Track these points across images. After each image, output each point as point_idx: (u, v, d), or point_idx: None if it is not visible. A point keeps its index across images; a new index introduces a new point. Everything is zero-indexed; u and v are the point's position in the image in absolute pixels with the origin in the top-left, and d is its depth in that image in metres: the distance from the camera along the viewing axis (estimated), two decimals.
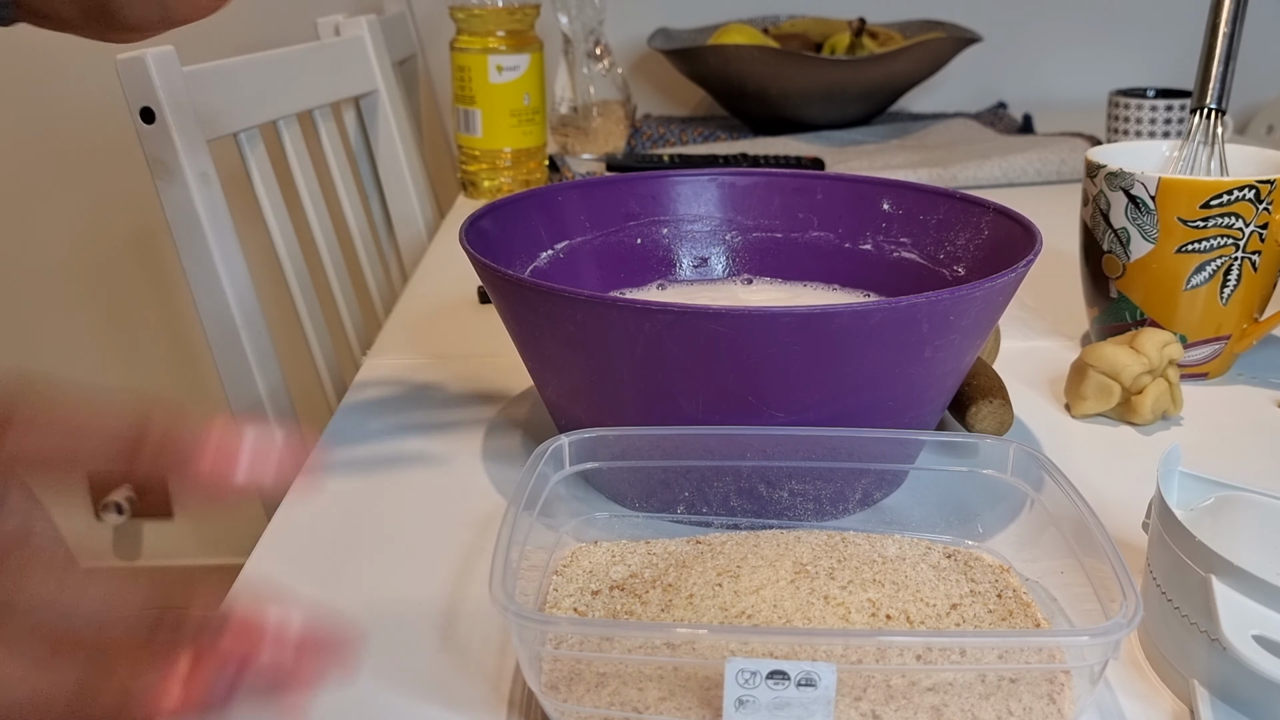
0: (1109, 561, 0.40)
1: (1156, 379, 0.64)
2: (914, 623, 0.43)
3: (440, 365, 0.75)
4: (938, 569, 0.47)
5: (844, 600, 0.43)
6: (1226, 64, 0.71)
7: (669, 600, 0.44)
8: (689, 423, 0.51)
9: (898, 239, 0.66)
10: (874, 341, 0.48)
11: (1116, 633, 0.37)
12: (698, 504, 0.53)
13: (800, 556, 0.47)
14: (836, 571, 0.46)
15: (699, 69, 1.37)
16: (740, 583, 0.45)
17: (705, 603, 0.44)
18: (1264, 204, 0.66)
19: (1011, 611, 0.45)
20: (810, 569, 0.46)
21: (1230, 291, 0.68)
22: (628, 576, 0.48)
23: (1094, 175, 0.70)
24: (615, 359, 0.50)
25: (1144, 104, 1.24)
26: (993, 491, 0.53)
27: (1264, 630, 0.38)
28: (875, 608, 0.43)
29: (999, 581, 0.47)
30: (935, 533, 0.52)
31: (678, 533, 0.52)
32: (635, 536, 0.52)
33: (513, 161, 1.17)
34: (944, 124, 1.43)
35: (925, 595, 0.45)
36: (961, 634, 0.41)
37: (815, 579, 0.45)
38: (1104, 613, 0.41)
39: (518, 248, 0.64)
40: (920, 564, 0.47)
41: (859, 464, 0.52)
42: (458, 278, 0.93)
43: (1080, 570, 0.44)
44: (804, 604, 0.43)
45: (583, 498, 0.54)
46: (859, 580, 0.45)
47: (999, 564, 0.49)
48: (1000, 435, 0.59)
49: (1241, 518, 0.46)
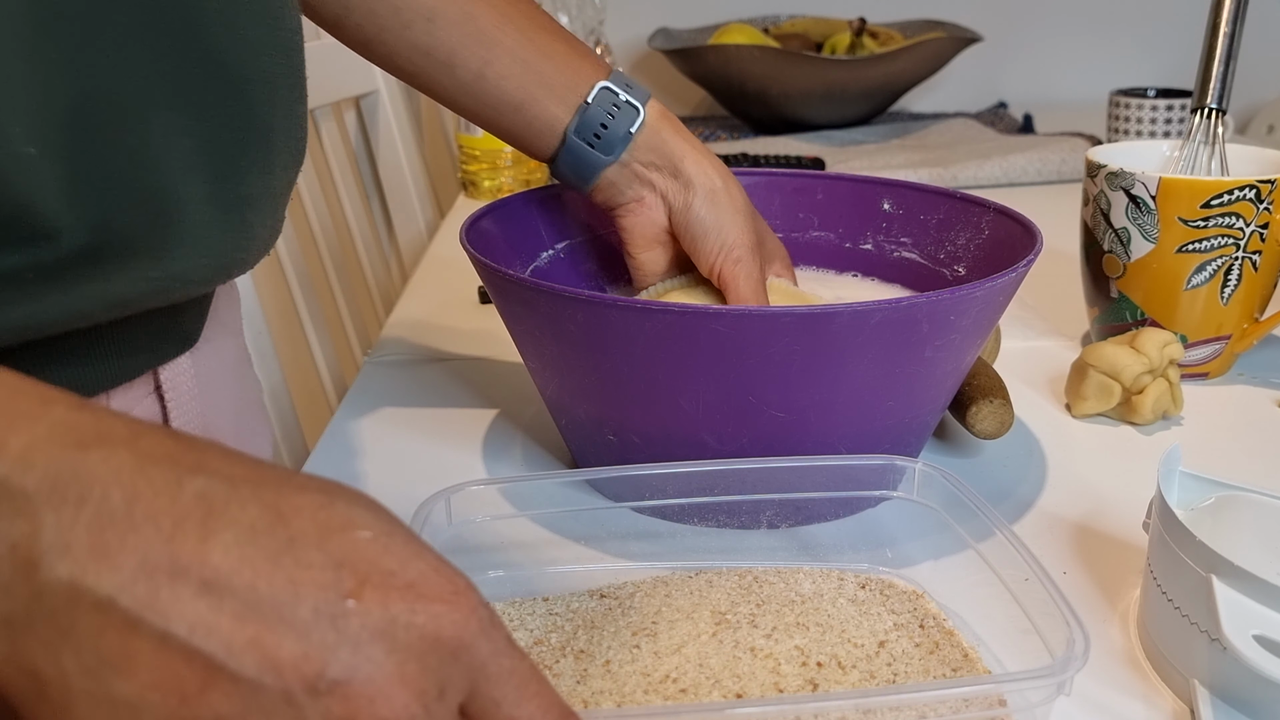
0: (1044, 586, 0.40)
1: (1157, 379, 0.64)
2: (845, 667, 0.42)
3: (440, 365, 0.75)
4: (856, 602, 0.46)
5: (771, 650, 0.42)
6: (1227, 64, 0.71)
7: (584, 670, 0.42)
8: (689, 422, 0.51)
9: (898, 239, 0.66)
10: (874, 341, 0.48)
11: (1067, 670, 0.36)
12: (596, 550, 0.51)
13: (717, 604, 0.45)
14: (758, 618, 0.44)
15: (699, 69, 1.37)
16: (659, 642, 0.43)
17: (625, 669, 0.41)
18: (1264, 204, 0.66)
19: (938, 643, 0.44)
20: (730, 617, 0.44)
21: (1231, 291, 0.68)
22: (532, 644, 0.44)
23: (1094, 175, 0.70)
24: (615, 359, 0.50)
25: (1144, 104, 1.24)
26: (900, 513, 0.53)
27: (1264, 630, 0.38)
28: (804, 655, 0.42)
29: (918, 610, 0.46)
30: (845, 561, 0.51)
31: (576, 584, 0.49)
32: (531, 593, 0.48)
33: (513, 161, 1.17)
34: (944, 124, 1.43)
35: (851, 634, 0.44)
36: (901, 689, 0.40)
37: (738, 629, 0.43)
38: (1038, 634, 0.40)
39: (518, 248, 0.64)
40: (838, 599, 0.46)
41: (765, 495, 0.51)
42: (458, 278, 0.93)
43: (1004, 592, 0.43)
44: (730, 659, 0.42)
45: (471, 555, 0.50)
46: (782, 625, 0.44)
47: (914, 590, 0.48)
48: (1000, 435, 0.59)
49: (1241, 518, 0.46)
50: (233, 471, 0.28)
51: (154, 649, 0.26)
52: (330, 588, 0.27)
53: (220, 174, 0.43)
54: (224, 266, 0.45)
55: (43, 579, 0.26)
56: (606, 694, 0.41)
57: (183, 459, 0.28)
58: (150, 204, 0.40)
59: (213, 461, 0.28)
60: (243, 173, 0.44)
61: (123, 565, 0.26)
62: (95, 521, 0.26)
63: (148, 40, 0.39)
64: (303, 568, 0.27)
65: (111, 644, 0.26)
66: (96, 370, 0.44)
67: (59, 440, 0.26)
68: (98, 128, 0.38)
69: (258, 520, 0.27)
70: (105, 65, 0.38)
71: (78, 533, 0.26)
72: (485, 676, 0.29)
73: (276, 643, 0.26)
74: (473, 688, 0.29)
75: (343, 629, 0.26)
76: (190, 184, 0.42)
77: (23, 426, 0.27)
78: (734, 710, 0.36)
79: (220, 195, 0.43)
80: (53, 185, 0.37)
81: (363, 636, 0.27)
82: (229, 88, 0.43)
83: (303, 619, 0.26)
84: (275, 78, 0.46)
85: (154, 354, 0.48)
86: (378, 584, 0.27)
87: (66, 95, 0.37)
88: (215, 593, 0.26)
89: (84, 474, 0.26)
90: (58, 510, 0.26)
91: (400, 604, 0.27)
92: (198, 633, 0.26)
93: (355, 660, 0.26)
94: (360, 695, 0.26)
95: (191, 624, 0.26)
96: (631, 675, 0.41)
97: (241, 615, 0.26)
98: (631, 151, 0.58)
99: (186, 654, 0.26)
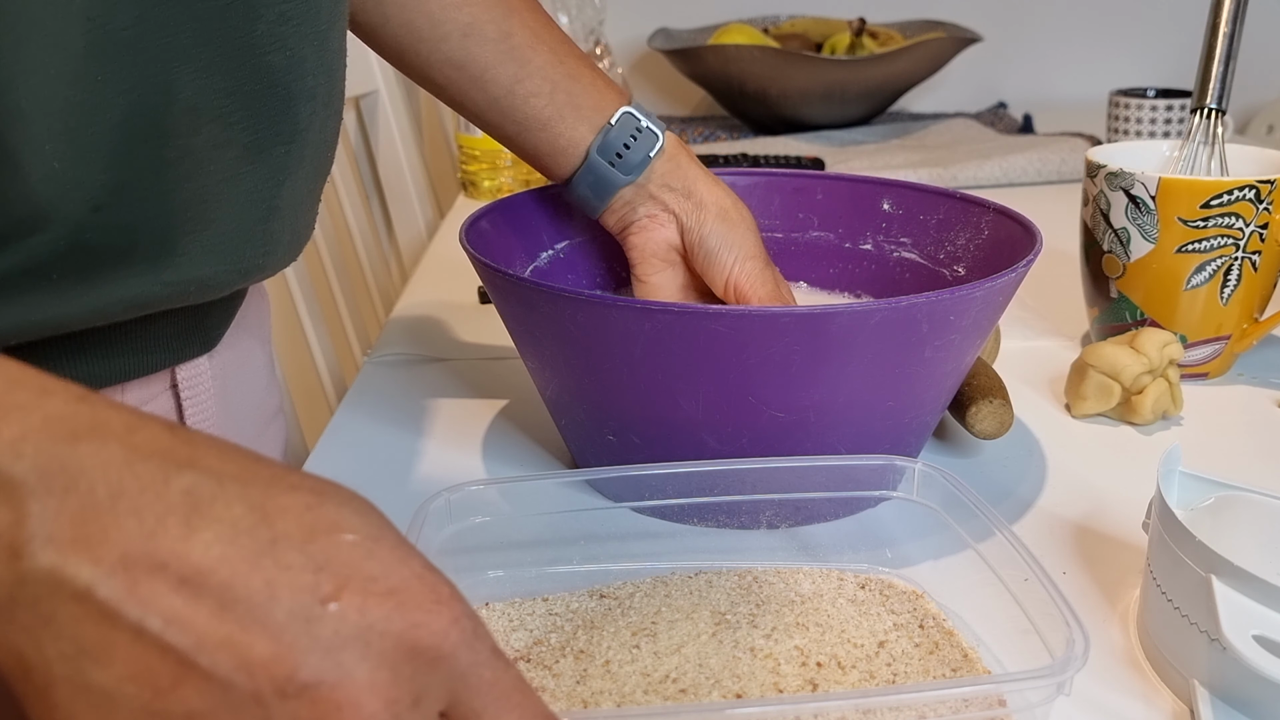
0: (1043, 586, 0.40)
1: (1157, 379, 0.64)
2: (845, 667, 0.42)
3: (440, 365, 0.75)
4: (856, 602, 0.46)
5: (771, 651, 0.42)
6: (1226, 64, 0.71)
7: (583, 670, 0.42)
8: (689, 422, 0.51)
9: (898, 239, 0.66)
10: (874, 341, 0.48)
11: (1067, 671, 0.36)
12: (596, 550, 0.51)
13: (716, 604, 0.45)
14: (757, 618, 0.44)
15: (699, 69, 1.37)
16: (659, 642, 0.43)
17: (625, 669, 0.41)
18: (1264, 204, 0.66)
19: (938, 644, 0.44)
20: (730, 617, 0.44)
21: (1230, 291, 0.68)
22: (531, 644, 0.44)
23: (1094, 175, 0.70)
24: (615, 359, 0.50)
25: (1144, 104, 1.24)
26: (900, 513, 0.53)
27: (1264, 630, 0.38)
28: (804, 656, 0.42)
29: (918, 610, 0.46)
30: (844, 560, 0.51)
31: (576, 584, 0.49)
32: (531, 593, 0.48)
33: (513, 161, 1.17)
34: (944, 124, 1.43)
35: (850, 635, 0.44)
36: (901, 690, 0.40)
37: (737, 629, 0.43)
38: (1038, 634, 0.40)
39: (518, 248, 0.64)
40: (838, 599, 0.46)
41: (764, 495, 0.51)
42: (458, 278, 0.93)
43: (1004, 592, 0.43)
44: (730, 659, 0.42)
45: (471, 555, 0.49)
46: (782, 626, 0.44)
47: (913, 590, 0.48)
48: (1000, 435, 0.59)
49: (1241, 518, 0.46)
50: (224, 468, 0.28)
51: (130, 641, 0.26)
52: (308, 590, 0.27)
53: (257, 185, 0.44)
54: (243, 272, 0.46)
55: (26, 566, 0.26)
56: (606, 694, 0.40)
57: (174, 454, 0.28)
58: (185, 212, 0.42)
59: (205, 458, 0.28)
60: (278, 184, 0.45)
61: (103, 557, 0.26)
62: (80, 513, 0.26)
63: (203, 58, 0.40)
64: (282, 569, 0.27)
65: (90, 633, 0.26)
66: (113, 365, 0.46)
67: (51, 432, 0.27)
68: (142, 140, 0.39)
69: (242, 519, 0.27)
70: (158, 83, 0.39)
71: (62, 523, 0.26)
72: (466, 686, 0.28)
73: (249, 643, 0.26)
74: (453, 698, 0.28)
75: (316, 633, 0.26)
76: (228, 194, 0.43)
77: (16, 417, 0.27)
78: (734, 710, 0.36)
79: (253, 205, 0.44)
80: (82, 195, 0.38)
81: (336, 641, 0.26)
82: (278, 104, 0.44)
83: (277, 620, 0.26)
84: (318, 94, 0.47)
85: (173, 353, 0.49)
86: (357, 589, 0.27)
87: (114, 112, 0.38)
88: (192, 589, 0.26)
89: (72, 465, 0.26)
90: (43, 500, 0.26)
91: (378, 610, 0.27)
92: (172, 628, 0.26)
93: (326, 665, 0.26)
94: (328, 700, 0.26)
95: (167, 619, 0.26)
96: (631, 675, 0.41)
97: (217, 613, 0.26)
98: (649, 174, 0.59)
99: (161, 648, 0.26)
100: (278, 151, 0.45)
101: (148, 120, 0.39)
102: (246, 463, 0.29)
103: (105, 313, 0.41)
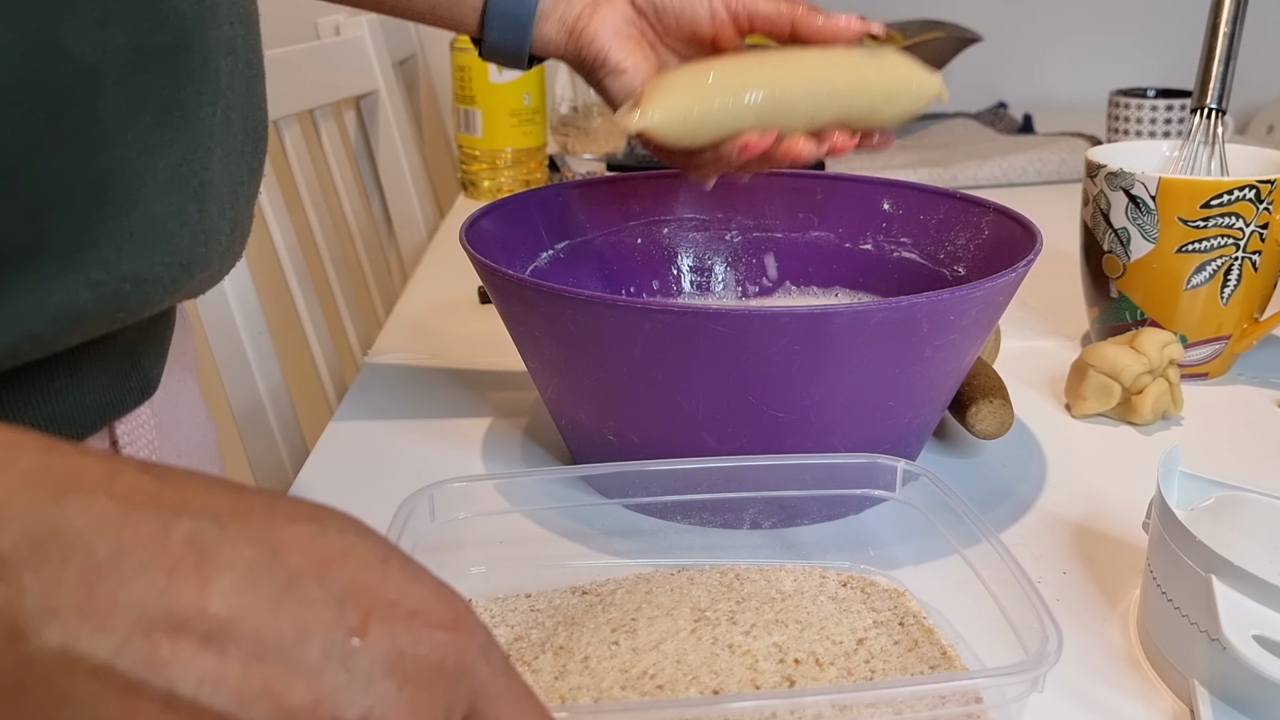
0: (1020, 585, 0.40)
1: (1157, 379, 0.64)
2: (823, 664, 0.42)
3: (440, 365, 0.75)
4: (837, 600, 0.46)
5: (749, 648, 0.42)
6: (1226, 64, 0.71)
7: (563, 666, 0.42)
8: (689, 422, 0.51)
9: (898, 239, 0.66)
10: (874, 341, 0.48)
11: (1040, 667, 0.36)
12: (579, 547, 0.51)
13: (697, 601, 0.45)
14: (737, 615, 0.44)
15: None
16: (638, 638, 0.43)
17: (603, 665, 0.41)
18: (1264, 204, 0.66)
19: (917, 641, 0.44)
20: (710, 614, 0.44)
21: (1230, 291, 0.68)
22: (513, 640, 0.44)
23: (1094, 175, 0.70)
24: (615, 359, 0.50)
25: (1144, 104, 1.24)
26: (884, 513, 0.53)
27: (1264, 630, 0.38)
28: (782, 652, 0.42)
29: (899, 607, 0.46)
30: (827, 558, 0.50)
31: (558, 581, 0.49)
32: (513, 589, 0.48)
33: (513, 161, 1.17)
34: (944, 124, 1.43)
35: (830, 632, 0.44)
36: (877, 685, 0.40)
37: (716, 625, 0.43)
38: (1015, 633, 0.40)
39: (518, 248, 0.64)
40: (819, 596, 0.46)
41: (748, 493, 0.51)
42: (458, 278, 0.93)
43: (986, 593, 0.43)
44: (708, 656, 0.42)
45: (454, 551, 0.50)
46: (762, 623, 0.44)
47: (895, 588, 0.48)
48: (1000, 435, 0.59)
49: (1241, 518, 0.46)
50: (219, 506, 0.27)
51: (160, 711, 0.24)
52: (336, 626, 0.26)
53: (183, 156, 0.39)
54: (184, 266, 0.40)
55: (32, 648, 0.24)
56: (584, 689, 0.40)
57: (164, 499, 0.26)
58: (101, 192, 0.36)
59: (197, 498, 0.26)
60: (207, 154, 0.40)
61: (116, 625, 0.24)
62: (82, 579, 0.24)
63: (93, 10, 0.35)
64: (306, 607, 0.26)
65: (113, 710, 0.24)
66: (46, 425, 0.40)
67: (31, 492, 0.24)
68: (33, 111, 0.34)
69: (254, 560, 0.26)
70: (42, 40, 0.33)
71: (64, 594, 0.24)
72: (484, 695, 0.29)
73: (287, 689, 0.25)
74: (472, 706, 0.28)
75: (353, 668, 0.26)
76: (149, 167, 0.38)
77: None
78: (710, 706, 0.36)
79: (180, 181, 0.39)
80: None
81: (373, 673, 0.26)
82: (192, 57, 0.39)
83: (311, 661, 0.25)
84: (237, 47, 0.43)
85: (111, 406, 0.44)
86: (381, 616, 0.27)
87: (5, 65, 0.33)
88: (219, 643, 0.25)
89: (63, 528, 0.24)
90: (38, 571, 0.24)
91: (406, 635, 0.27)
92: (205, 688, 0.24)
93: (368, 699, 0.26)
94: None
95: (198, 680, 0.24)
96: (609, 671, 0.41)
97: (249, 664, 0.25)
98: None
99: (195, 712, 0.24)
100: (202, 115, 0.40)
101: (37, 86, 0.34)
102: (235, 496, 0.27)
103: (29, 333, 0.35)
